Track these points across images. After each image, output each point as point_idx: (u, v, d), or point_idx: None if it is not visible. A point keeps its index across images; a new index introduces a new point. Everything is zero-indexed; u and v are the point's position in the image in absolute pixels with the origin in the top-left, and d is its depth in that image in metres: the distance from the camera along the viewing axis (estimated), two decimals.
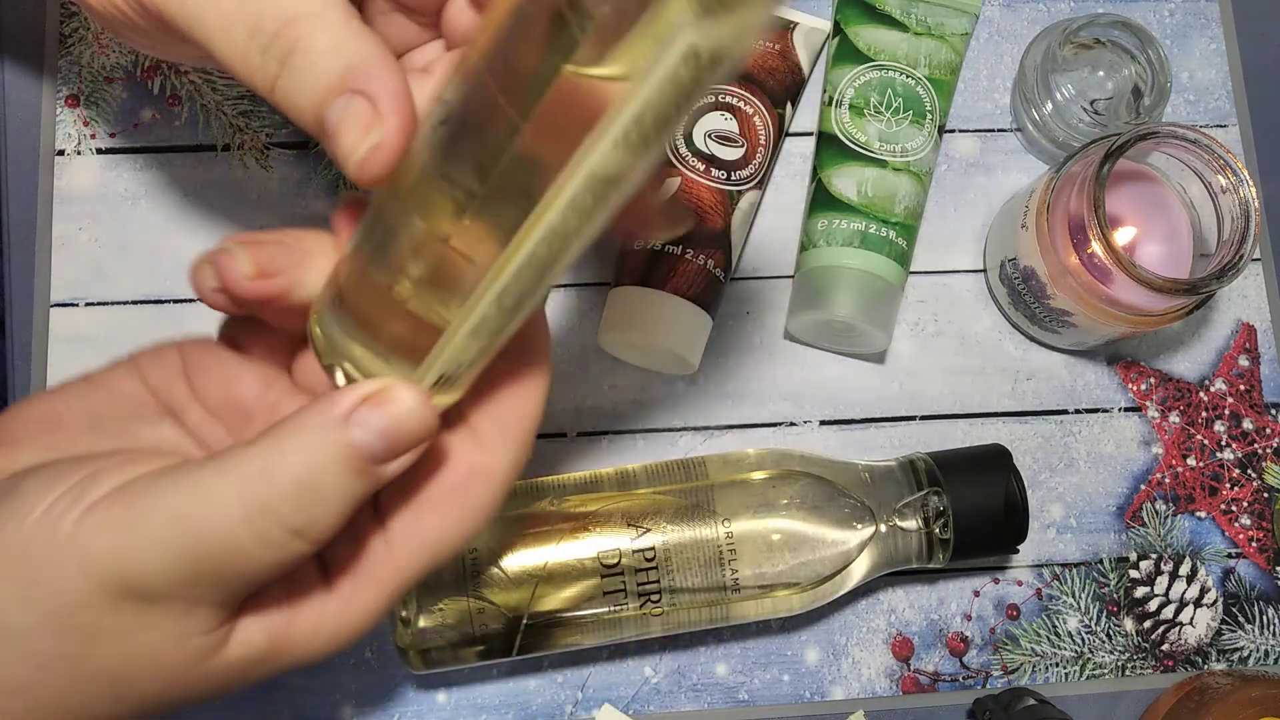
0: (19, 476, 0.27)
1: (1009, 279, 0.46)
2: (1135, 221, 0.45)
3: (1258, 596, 0.46)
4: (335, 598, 0.27)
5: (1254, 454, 0.48)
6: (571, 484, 0.40)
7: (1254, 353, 0.49)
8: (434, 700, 0.43)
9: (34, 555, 0.25)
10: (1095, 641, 0.45)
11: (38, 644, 0.25)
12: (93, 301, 0.45)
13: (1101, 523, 0.46)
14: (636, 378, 0.46)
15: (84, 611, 0.25)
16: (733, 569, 0.39)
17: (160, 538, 0.24)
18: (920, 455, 0.42)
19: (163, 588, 0.25)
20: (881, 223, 0.44)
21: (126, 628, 0.25)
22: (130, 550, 0.24)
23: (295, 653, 0.27)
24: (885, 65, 0.46)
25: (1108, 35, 0.47)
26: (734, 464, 0.41)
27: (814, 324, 0.45)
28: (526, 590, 0.38)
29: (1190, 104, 0.50)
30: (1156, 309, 0.42)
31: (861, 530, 0.40)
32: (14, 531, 0.25)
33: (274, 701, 0.42)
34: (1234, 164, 0.41)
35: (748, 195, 0.45)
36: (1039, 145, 0.48)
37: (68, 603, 0.25)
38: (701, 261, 0.43)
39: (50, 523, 0.25)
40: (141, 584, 0.24)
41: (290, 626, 0.27)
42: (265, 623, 0.27)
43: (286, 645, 0.27)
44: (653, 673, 0.44)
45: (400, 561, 0.27)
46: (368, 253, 0.25)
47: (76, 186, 0.45)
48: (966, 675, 0.45)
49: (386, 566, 0.27)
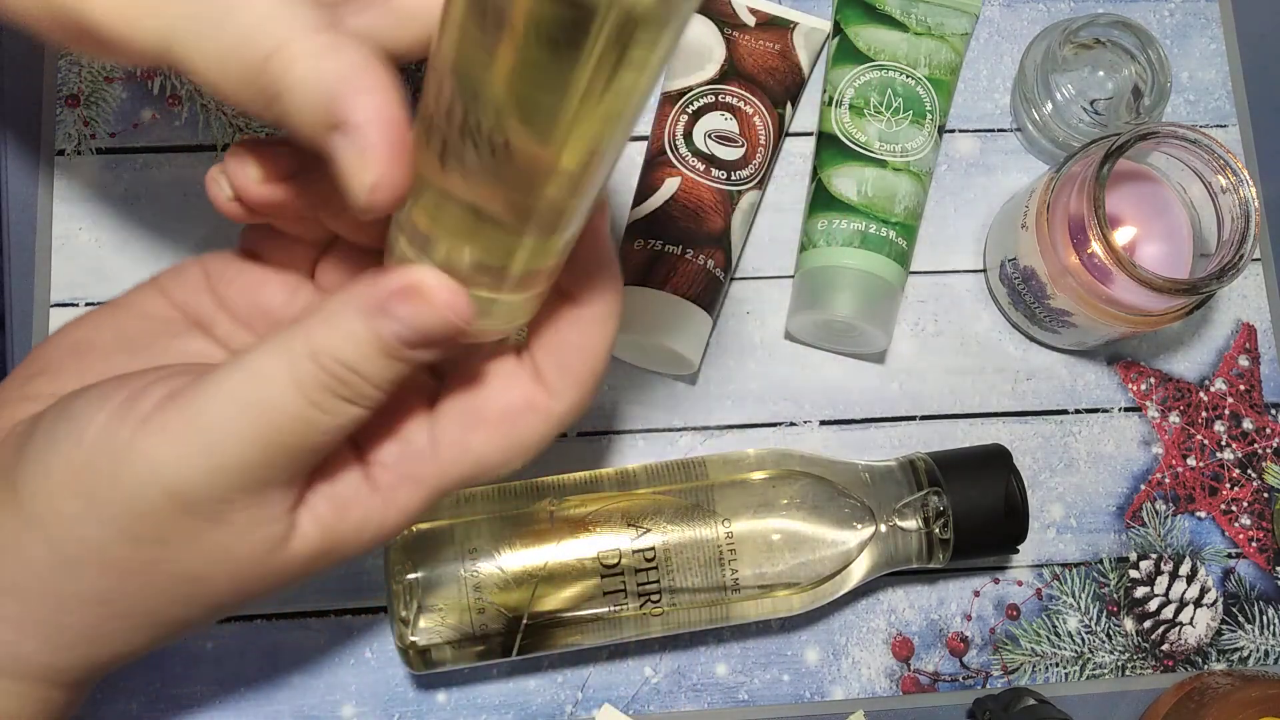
0: (66, 400, 0.27)
1: (1009, 279, 0.46)
2: (1135, 221, 0.45)
3: (1258, 596, 0.46)
4: (379, 495, 0.28)
5: (1254, 454, 0.48)
6: (571, 484, 0.40)
7: (1254, 353, 0.49)
8: (434, 700, 0.43)
9: (97, 471, 0.26)
10: (1095, 641, 0.45)
11: (115, 554, 0.26)
12: (93, 301, 0.45)
13: (1101, 523, 0.46)
14: (636, 378, 0.46)
15: (155, 519, 0.26)
16: (733, 569, 0.39)
17: (227, 427, 0.25)
18: (920, 455, 0.42)
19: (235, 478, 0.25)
20: (881, 223, 0.44)
21: (199, 529, 0.26)
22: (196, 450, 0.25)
23: (344, 548, 0.28)
24: (885, 65, 0.46)
25: (1108, 35, 0.47)
26: (734, 464, 0.41)
27: (814, 324, 0.45)
28: (526, 590, 0.38)
29: (1190, 104, 0.50)
30: (1156, 309, 0.42)
31: (861, 530, 0.40)
32: (73, 450, 0.26)
33: (274, 701, 0.42)
34: (1234, 164, 0.41)
35: (748, 195, 0.45)
36: (1039, 145, 0.48)
37: (138, 512, 0.26)
38: (701, 261, 0.43)
39: (108, 438, 0.26)
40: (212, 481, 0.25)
41: (339, 522, 0.28)
42: (318, 520, 0.28)
43: (337, 540, 0.28)
44: (653, 673, 0.44)
45: (443, 468, 0.28)
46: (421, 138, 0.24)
47: (76, 186, 0.45)
48: (966, 675, 0.45)
49: (429, 470, 0.28)
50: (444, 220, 0.25)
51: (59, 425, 0.27)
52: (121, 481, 0.25)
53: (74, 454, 0.26)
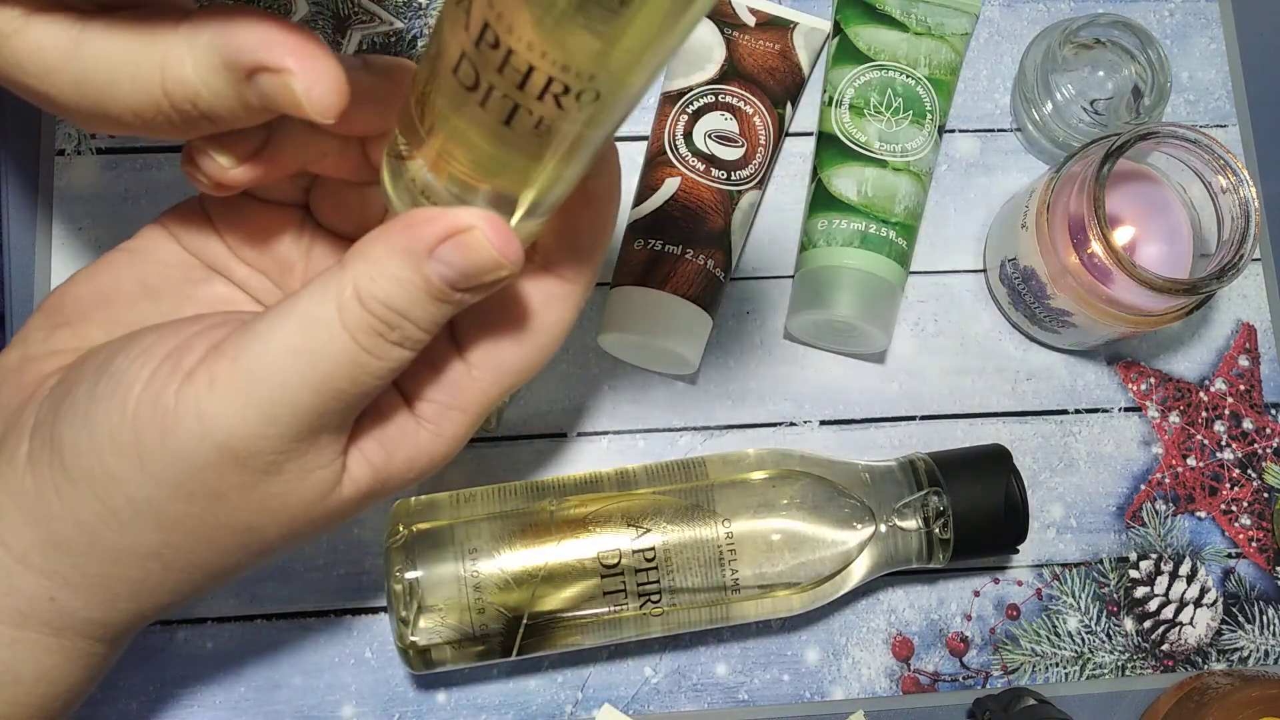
0: (102, 355, 0.27)
1: (1009, 279, 0.46)
2: (1135, 221, 0.45)
3: (1258, 596, 0.46)
4: (427, 429, 0.29)
5: (1254, 454, 0.48)
6: (571, 484, 0.40)
7: (1254, 353, 0.49)
8: (434, 700, 0.43)
9: (146, 429, 0.26)
10: (1095, 641, 0.45)
11: (167, 510, 0.26)
12: None
13: (1101, 523, 0.46)
14: (636, 378, 0.46)
15: (209, 474, 0.26)
16: (733, 569, 0.39)
17: (279, 377, 0.25)
18: (920, 455, 0.42)
19: (288, 428, 0.25)
20: (881, 223, 0.44)
21: (253, 481, 0.26)
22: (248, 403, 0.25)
23: (395, 483, 0.29)
24: (885, 65, 0.46)
25: (1108, 35, 0.47)
26: (734, 464, 0.41)
27: (814, 324, 0.45)
28: (526, 590, 0.38)
29: (1190, 104, 0.50)
30: (1156, 309, 0.42)
31: (861, 530, 0.40)
32: (118, 410, 0.26)
33: (274, 701, 0.42)
34: (1234, 164, 0.41)
35: (748, 195, 0.45)
36: (1039, 145, 0.48)
37: (191, 469, 0.26)
38: (701, 261, 0.43)
39: (154, 396, 0.26)
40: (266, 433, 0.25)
41: (390, 462, 0.28)
42: (369, 461, 0.28)
43: (387, 477, 0.29)
44: (653, 673, 0.44)
45: (484, 389, 0.29)
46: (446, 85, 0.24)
47: (76, 186, 0.45)
48: (966, 675, 0.45)
49: (471, 394, 0.29)
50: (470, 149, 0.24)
51: (101, 382, 0.26)
52: (172, 439, 0.25)
53: (121, 412, 0.26)
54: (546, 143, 0.23)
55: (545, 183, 0.25)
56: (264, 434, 0.25)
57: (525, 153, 0.23)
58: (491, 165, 0.24)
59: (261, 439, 0.25)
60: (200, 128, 0.25)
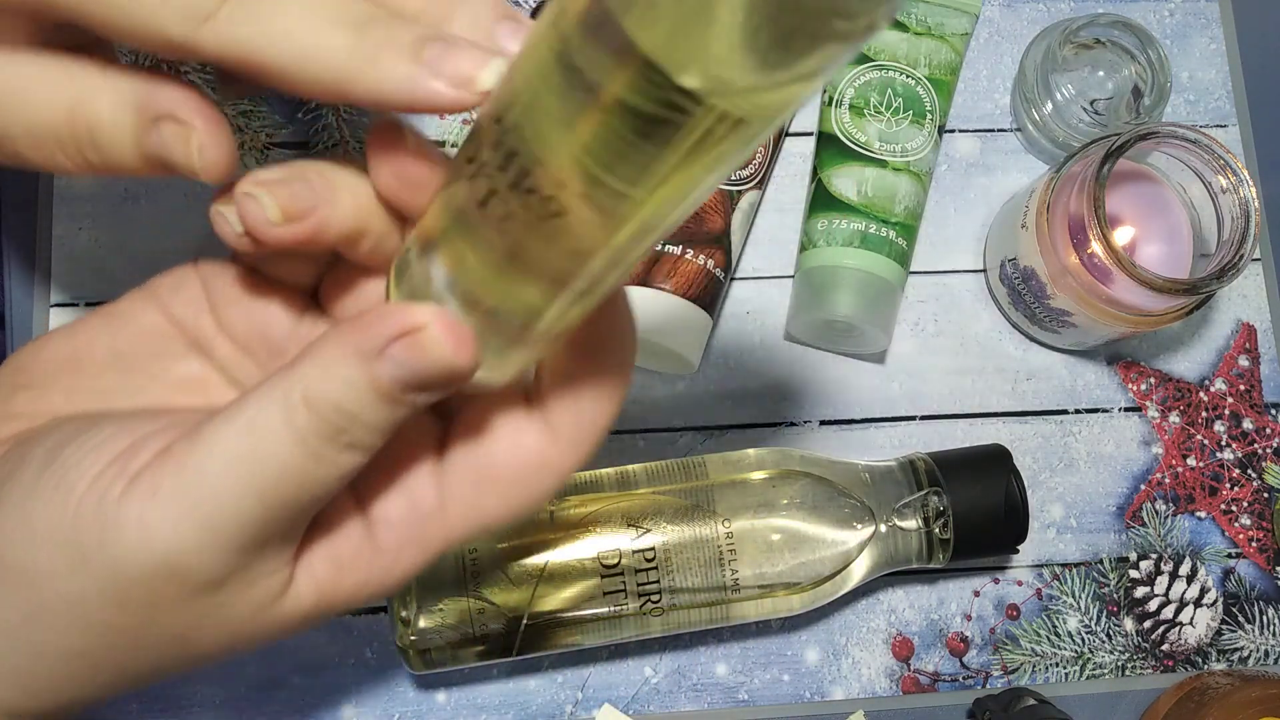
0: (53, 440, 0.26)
1: (1009, 279, 0.46)
2: (1135, 221, 0.45)
3: (1258, 596, 0.46)
4: (383, 556, 0.27)
5: (1254, 454, 0.48)
6: (571, 484, 0.40)
7: (1254, 353, 0.49)
8: (434, 700, 0.43)
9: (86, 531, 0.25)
10: (1095, 641, 0.45)
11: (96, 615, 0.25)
12: (93, 301, 0.45)
13: (1101, 523, 0.46)
14: (637, 378, 0.46)
15: (146, 584, 0.25)
16: (733, 569, 0.39)
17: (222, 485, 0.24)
18: (920, 455, 0.42)
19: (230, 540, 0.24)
20: (881, 223, 0.44)
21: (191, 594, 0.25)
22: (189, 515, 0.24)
23: (341, 606, 0.28)
24: (885, 65, 0.46)
25: (1108, 35, 0.47)
26: (734, 464, 0.41)
27: (814, 324, 0.45)
28: (526, 590, 0.38)
29: (1190, 104, 0.50)
30: (1156, 309, 0.42)
31: (861, 530, 0.40)
32: (61, 504, 0.25)
33: (274, 701, 0.42)
34: (1234, 164, 0.41)
35: (748, 195, 0.45)
36: (1039, 145, 0.48)
37: (127, 578, 0.24)
38: (701, 261, 0.43)
39: (96, 498, 0.24)
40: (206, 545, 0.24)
41: (338, 584, 0.27)
42: (316, 580, 0.27)
43: (334, 600, 0.27)
44: (653, 673, 0.44)
45: (451, 529, 0.27)
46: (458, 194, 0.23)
47: (76, 186, 0.45)
48: (966, 675, 0.45)
49: (437, 533, 0.27)
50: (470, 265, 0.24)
51: (46, 473, 0.25)
52: (112, 545, 0.24)
53: (62, 509, 0.25)
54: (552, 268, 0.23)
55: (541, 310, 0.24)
56: (203, 548, 0.24)
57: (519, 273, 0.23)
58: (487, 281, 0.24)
59: (201, 553, 0.24)
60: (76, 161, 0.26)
